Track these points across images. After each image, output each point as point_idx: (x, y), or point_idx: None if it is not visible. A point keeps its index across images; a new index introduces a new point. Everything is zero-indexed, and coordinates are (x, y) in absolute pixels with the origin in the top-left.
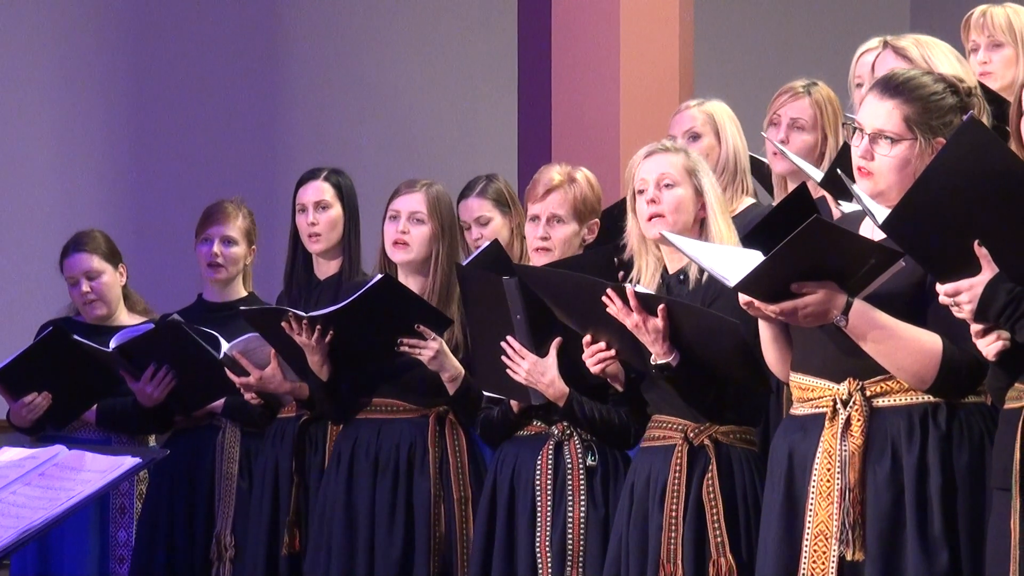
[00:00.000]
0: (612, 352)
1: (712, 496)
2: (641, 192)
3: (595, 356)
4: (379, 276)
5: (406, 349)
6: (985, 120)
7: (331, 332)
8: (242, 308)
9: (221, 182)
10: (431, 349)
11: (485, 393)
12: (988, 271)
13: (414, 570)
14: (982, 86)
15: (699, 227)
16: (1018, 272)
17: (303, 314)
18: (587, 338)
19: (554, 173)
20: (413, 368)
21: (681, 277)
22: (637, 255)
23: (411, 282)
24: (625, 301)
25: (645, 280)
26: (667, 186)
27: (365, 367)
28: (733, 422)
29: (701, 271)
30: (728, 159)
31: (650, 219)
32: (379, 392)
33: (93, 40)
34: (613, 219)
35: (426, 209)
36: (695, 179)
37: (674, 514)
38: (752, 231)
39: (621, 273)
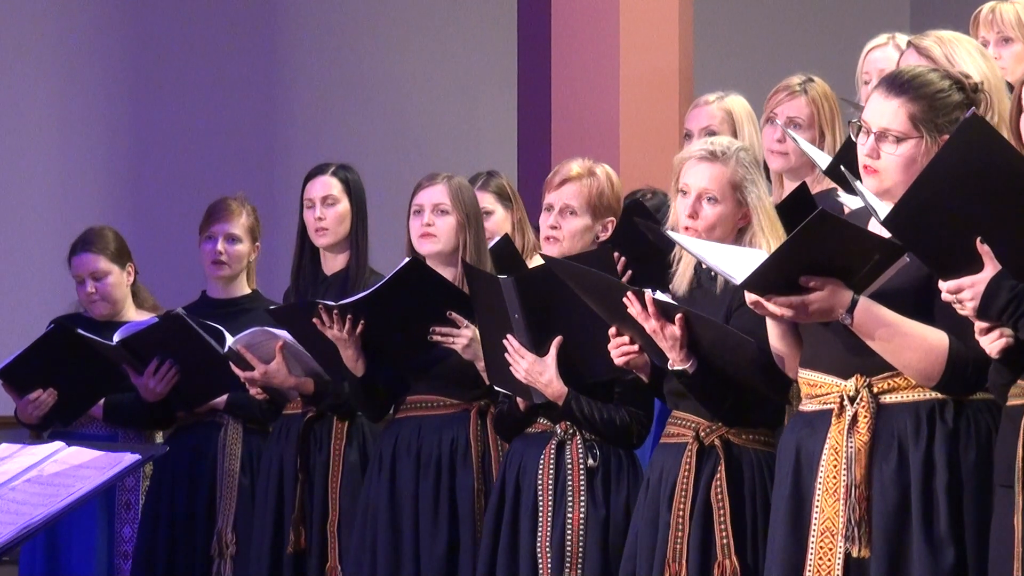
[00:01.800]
0: (636, 347)
1: (720, 497)
2: (684, 193)
3: (619, 349)
4: (407, 259)
5: (439, 339)
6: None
7: (362, 322)
8: (271, 308)
9: (222, 178)
10: (465, 337)
11: (495, 388)
12: (990, 268)
13: (459, 565)
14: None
15: (735, 236)
16: (1020, 269)
17: (333, 304)
18: (612, 330)
19: (574, 165)
20: (448, 361)
21: (712, 274)
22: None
23: (441, 274)
24: (645, 306)
25: (684, 263)
26: (708, 200)
27: (400, 361)
28: (749, 424)
29: None
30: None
31: (685, 229)
32: (418, 389)
33: (93, 35)
34: (626, 215)
35: (449, 200)
36: (739, 193)
37: (681, 514)
38: None
39: (625, 268)
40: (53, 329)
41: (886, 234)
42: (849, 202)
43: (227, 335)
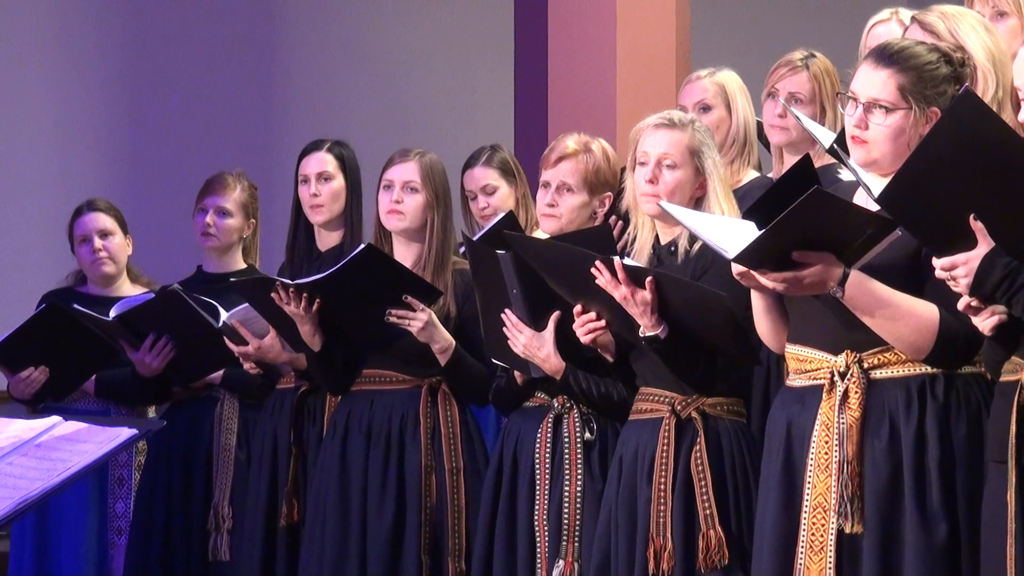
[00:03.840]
0: (602, 323)
1: (700, 469)
2: (642, 164)
3: (585, 326)
4: (362, 246)
5: (394, 320)
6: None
7: (318, 301)
8: (232, 279)
9: (218, 155)
10: (420, 320)
11: (494, 361)
12: (984, 245)
13: (405, 540)
14: None
15: (693, 205)
16: (1014, 246)
17: (290, 282)
18: (577, 308)
19: (569, 141)
20: (405, 338)
21: (672, 248)
22: (633, 214)
23: (407, 251)
24: (614, 273)
25: (640, 241)
26: (668, 166)
27: (356, 338)
28: (721, 394)
29: (691, 243)
30: (738, 131)
31: (643, 195)
32: (373, 363)
33: (90, 13)
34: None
35: (419, 178)
36: (697, 159)
37: (663, 487)
38: (755, 204)
39: (621, 243)
40: (44, 308)
41: (876, 208)
42: (849, 178)
43: (221, 310)
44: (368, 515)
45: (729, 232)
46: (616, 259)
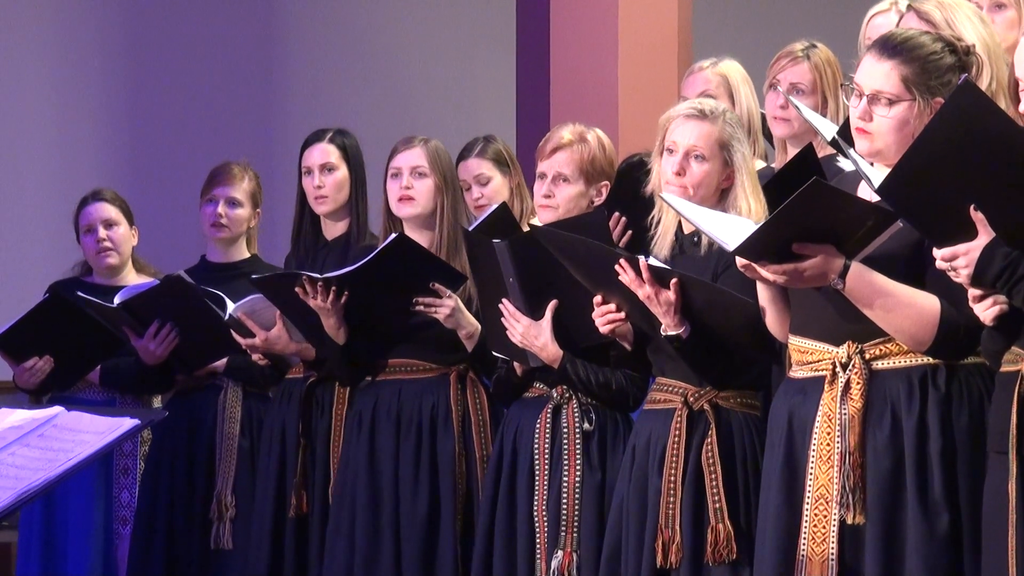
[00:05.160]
0: (622, 315)
1: (711, 462)
2: (670, 152)
3: (605, 317)
4: (393, 235)
5: (422, 308)
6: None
7: (346, 293)
8: (253, 277)
9: (218, 145)
10: (447, 307)
11: (494, 353)
12: (984, 235)
13: (440, 528)
14: None
15: (718, 197)
16: (1014, 236)
17: (318, 276)
18: (598, 298)
19: (565, 132)
20: (430, 327)
21: (695, 239)
22: (658, 199)
23: (419, 237)
24: (638, 272)
25: (664, 225)
26: (696, 158)
27: (381, 328)
28: (736, 387)
29: None
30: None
31: (667, 184)
32: (397, 352)
33: (90, 3)
34: (620, 179)
35: (427, 163)
36: (726, 152)
37: (673, 479)
38: None
39: (625, 229)
40: (49, 297)
41: (877, 200)
42: (850, 167)
43: (228, 301)
44: (402, 504)
45: (730, 226)
46: (641, 259)
